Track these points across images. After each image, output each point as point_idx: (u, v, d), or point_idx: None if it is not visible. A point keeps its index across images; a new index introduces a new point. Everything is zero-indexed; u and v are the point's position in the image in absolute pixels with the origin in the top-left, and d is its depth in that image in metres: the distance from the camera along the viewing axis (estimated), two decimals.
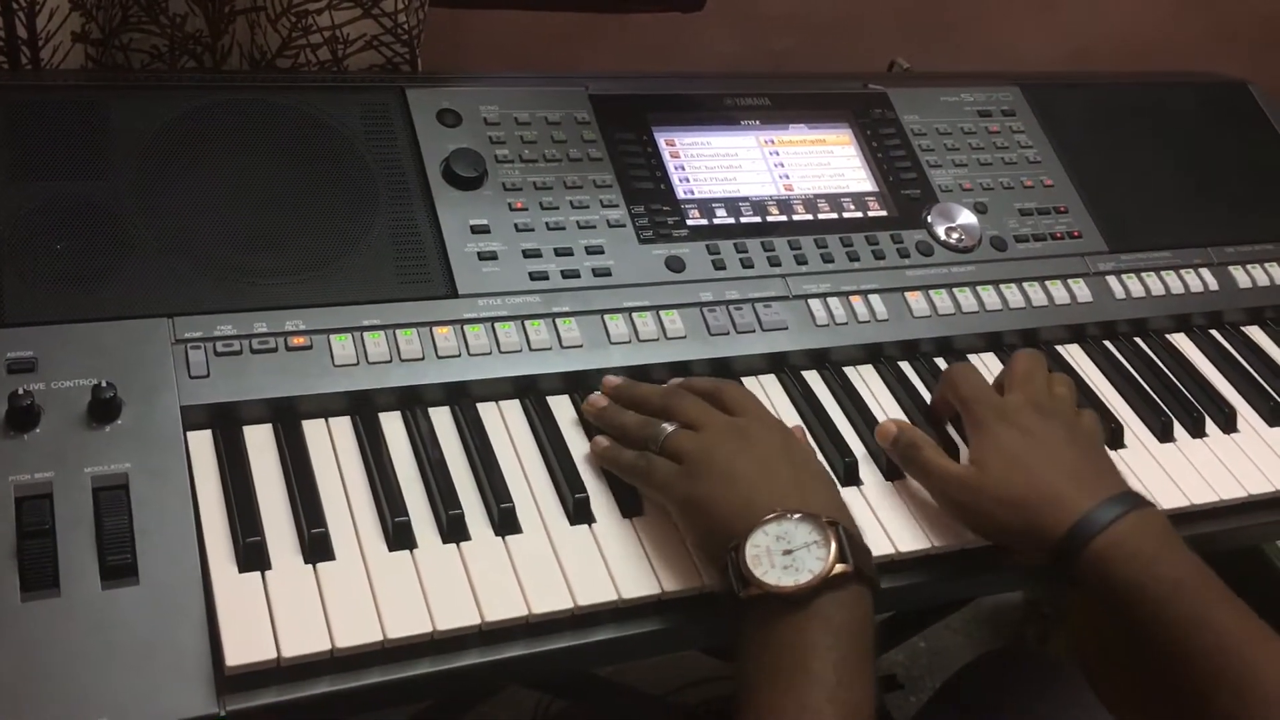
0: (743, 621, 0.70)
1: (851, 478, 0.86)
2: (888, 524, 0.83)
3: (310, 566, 0.71)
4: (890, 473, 0.87)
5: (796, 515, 0.71)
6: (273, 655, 0.66)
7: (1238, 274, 1.12)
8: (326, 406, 0.81)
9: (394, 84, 0.97)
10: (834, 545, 0.69)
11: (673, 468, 0.76)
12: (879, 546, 0.81)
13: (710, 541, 0.73)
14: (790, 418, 0.90)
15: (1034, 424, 0.82)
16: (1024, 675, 1.10)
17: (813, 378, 0.94)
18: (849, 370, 0.95)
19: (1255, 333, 1.10)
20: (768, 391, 0.92)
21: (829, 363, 0.95)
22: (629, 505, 0.80)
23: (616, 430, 0.82)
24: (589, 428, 0.85)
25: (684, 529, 0.76)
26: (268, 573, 0.70)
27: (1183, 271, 1.09)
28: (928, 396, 0.94)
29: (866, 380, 0.95)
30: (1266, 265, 1.13)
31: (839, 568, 0.68)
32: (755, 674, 0.68)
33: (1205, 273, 1.10)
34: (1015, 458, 0.80)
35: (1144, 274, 1.08)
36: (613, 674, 1.41)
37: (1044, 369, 0.88)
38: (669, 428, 0.78)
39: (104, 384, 0.73)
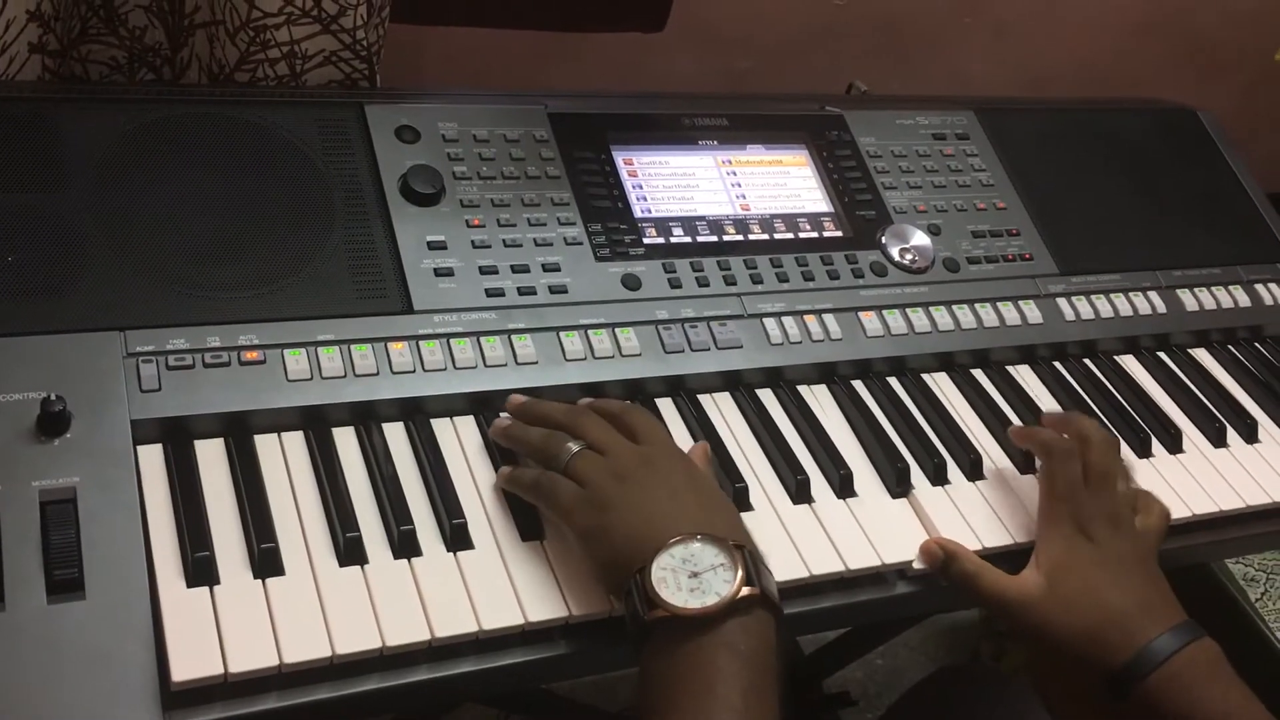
0: (647, 645, 0.69)
1: (803, 496, 0.87)
2: (838, 541, 0.84)
3: (259, 582, 0.71)
4: (841, 491, 0.88)
5: (703, 538, 0.70)
6: (219, 671, 0.66)
7: (1185, 297, 1.14)
8: (279, 421, 0.80)
9: (353, 100, 0.97)
10: (740, 568, 0.69)
11: (576, 492, 0.75)
12: (830, 564, 0.82)
13: (614, 569, 0.72)
14: (745, 436, 0.91)
15: (1109, 540, 0.81)
16: (976, 691, 1.11)
17: (767, 396, 0.94)
18: (803, 389, 0.96)
19: (1202, 355, 1.12)
20: (723, 410, 0.92)
21: (783, 381, 0.96)
22: None
23: (521, 446, 0.80)
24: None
25: (586, 555, 0.75)
26: (216, 588, 0.70)
27: (1131, 294, 1.11)
28: (880, 415, 0.95)
29: (820, 399, 0.96)
30: (1213, 289, 1.15)
31: (745, 590, 0.68)
32: (660, 698, 0.67)
33: (1153, 295, 1.12)
34: (1086, 579, 0.80)
35: (1093, 296, 1.10)
36: (570, 689, 1.41)
37: (1115, 465, 0.86)
38: (574, 447, 0.77)
39: (53, 397, 0.73)
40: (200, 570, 0.70)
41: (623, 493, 0.74)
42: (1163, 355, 1.10)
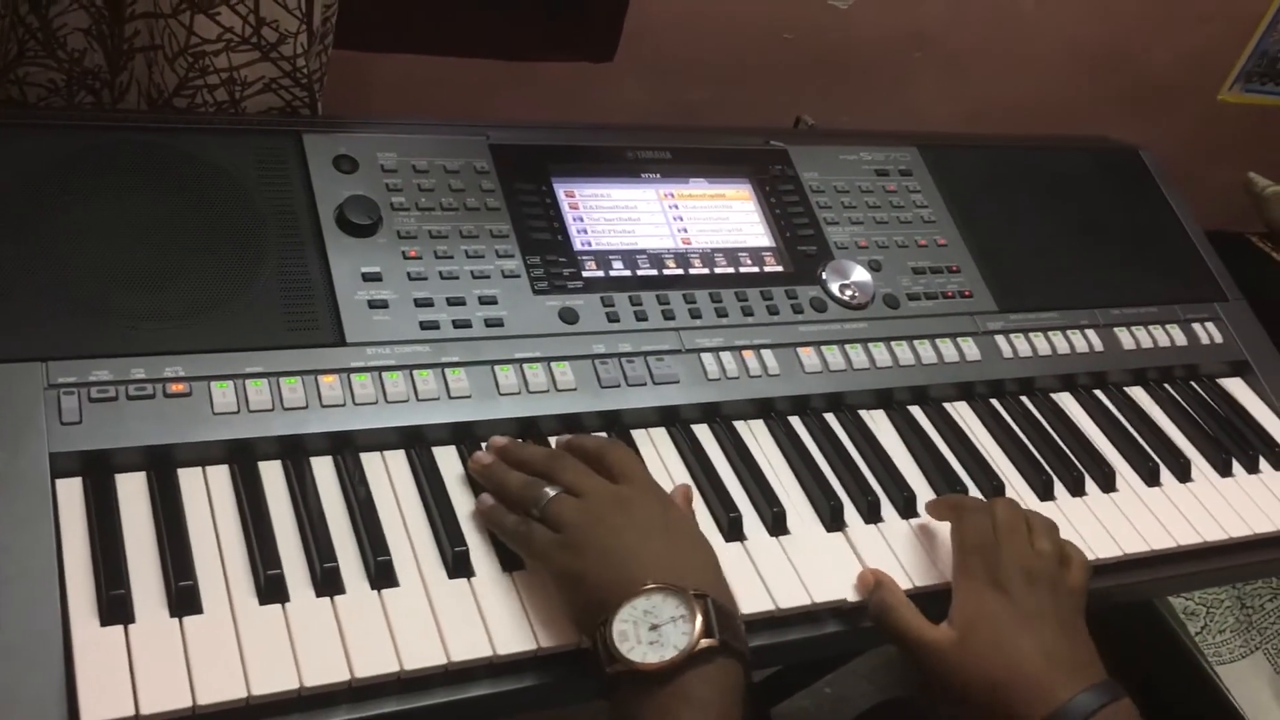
0: (613, 695, 0.69)
1: (735, 533, 0.86)
2: (769, 580, 0.84)
3: (176, 620, 0.70)
4: (774, 529, 0.88)
5: (664, 590, 0.70)
6: (131, 712, 0.65)
7: (1122, 335, 1.15)
8: (204, 455, 0.79)
9: (291, 128, 0.96)
10: (700, 620, 0.69)
11: (551, 537, 0.75)
12: (761, 602, 0.82)
13: (586, 615, 0.73)
14: (679, 472, 0.91)
15: (1023, 592, 0.80)
16: None
17: (703, 432, 0.94)
18: (739, 425, 0.96)
19: (1138, 393, 1.13)
20: (657, 445, 0.92)
21: (719, 417, 0.95)
22: (509, 559, 0.79)
23: (499, 489, 0.81)
24: (474, 481, 0.84)
25: (561, 601, 0.75)
26: (131, 626, 0.69)
27: (1069, 332, 1.12)
28: (816, 452, 0.95)
29: (756, 435, 0.96)
30: (1150, 327, 1.16)
31: (704, 642, 0.68)
32: None
33: (1091, 334, 1.13)
34: (998, 631, 0.79)
35: (1032, 334, 1.10)
36: None
37: (1025, 520, 0.86)
38: (550, 492, 0.77)
39: None
40: (115, 608, 0.69)
41: (596, 536, 0.74)
42: (1099, 394, 1.11)
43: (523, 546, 0.78)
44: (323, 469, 0.82)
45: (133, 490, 0.77)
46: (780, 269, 1.05)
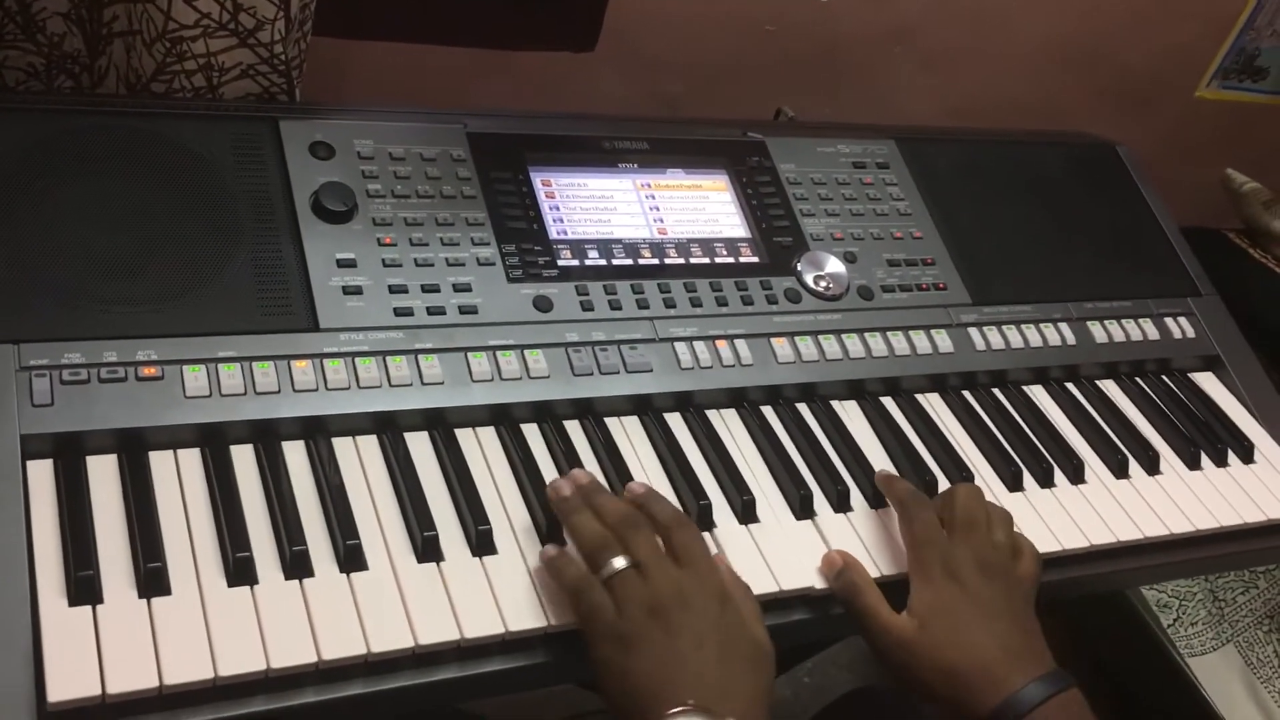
0: None
1: (705, 521, 0.87)
2: (738, 567, 0.84)
3: (144, 601, 0.70)
4: (744, 517, 0.89)
5: (696, 714, 0.70)
6: (97, 691, 0.65)
7: (1095, 329, 1.15)
8: (175, 438, 0.80)
9: (267, 114, 0.97)
10: None
11: (608, 615, 0.75)
12: None
13: (619, 704, 0.73)
14: (650, 461, 0.91)
15: (978, 585, 0.82)
16: (884, 715, 1.12)
17: (675, 421, 0.95)
18: (711, 414, 0.96)
19: (1109, 387, 1.14)
20: (630, 434, 0.93)
21: (692, 406, 0.96)
22: (479, 544, 0.80)
23: (571, 533, 0.80)
24: (445, 465, 0.85)
25: (600, 681, 0.75)
26: (99, 607, 0.69)
27: (1042, 325, 1.13)
28: (787, 441, 0.96)
29: (728, 424, 0.96)
30: (1123, 321, 1.17)
31: None
32: None
33: (1064, 327, 1.14)
34: (955, 622, 0.80)
35: (1005, 327, 1.11)
36: (481, 708, 1.40)
37: (985, 511, 0.87)
38: (619, 564, 0.76)
39: None
40: (83, 589, 0.69)
41: (650, 631, 0.74)
42: (1070, 386, 1.12)
43: (578, 609, 0.77)
44: (294, 453, 0.83)
45: (103, 472, 0.77)
46: (755, 260, 1.06)
